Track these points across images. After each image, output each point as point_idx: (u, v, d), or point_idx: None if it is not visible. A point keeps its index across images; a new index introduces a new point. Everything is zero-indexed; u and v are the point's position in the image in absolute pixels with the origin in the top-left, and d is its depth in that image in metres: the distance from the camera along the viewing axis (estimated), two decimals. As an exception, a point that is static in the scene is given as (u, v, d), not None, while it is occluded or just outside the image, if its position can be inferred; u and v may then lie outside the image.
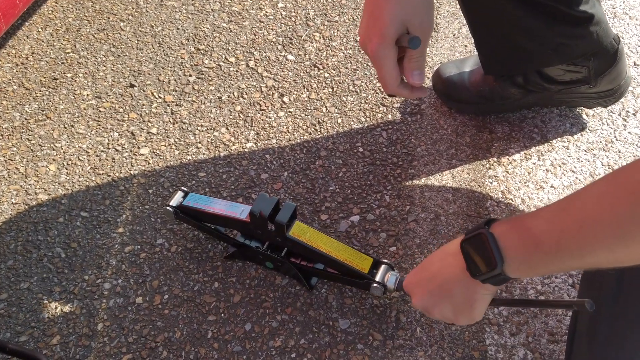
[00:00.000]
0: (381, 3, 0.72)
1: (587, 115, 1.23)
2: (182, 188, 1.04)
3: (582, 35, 1.00)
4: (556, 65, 1.07)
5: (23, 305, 1.01)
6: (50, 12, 1.52)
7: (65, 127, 1.27)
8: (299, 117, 1.27)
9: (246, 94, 1.32)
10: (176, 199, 1.02)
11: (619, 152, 1.17)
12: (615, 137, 1.20)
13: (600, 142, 1.19)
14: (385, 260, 0.93)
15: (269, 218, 0.91)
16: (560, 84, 1.12)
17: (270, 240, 0.98)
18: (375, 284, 0.90)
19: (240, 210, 0.95)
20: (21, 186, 1.17)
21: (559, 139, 1.20)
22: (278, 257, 0.97)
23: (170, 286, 1.02)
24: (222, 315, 0.99)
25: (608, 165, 1.16)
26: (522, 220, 0.61)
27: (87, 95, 1.33)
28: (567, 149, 1.18)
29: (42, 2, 1.54)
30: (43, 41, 1.44)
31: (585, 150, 1.18)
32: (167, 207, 1.01)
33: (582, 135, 1.20)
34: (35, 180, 1.18)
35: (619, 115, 1.24)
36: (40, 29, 1.47)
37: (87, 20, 1.49)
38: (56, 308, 1.00)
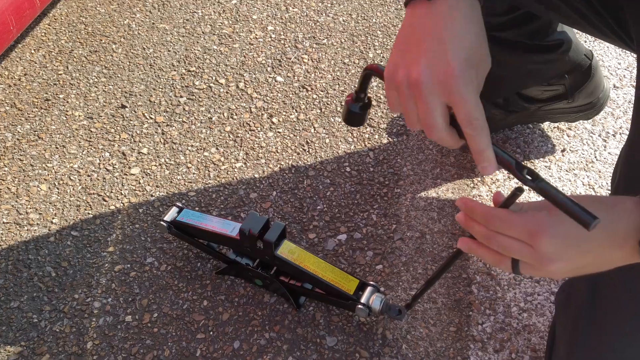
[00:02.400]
0: (459, 23, 0.59)
1: (568, 136, 1.27)
2: (177, 204, 1.06)
3: (553, 60, 1.04)
4: (531, 87, 1.11)
5: (13, 324, 1.01)
6: (43, 34, 1.54)
7: (57, 147, 1.28)
8: (288, 138, 1.29)
9: (236, 114, 1.34)
10: (170, 215, 1.04)
11: (599, 172, 1.21)
12: (595, 157, 1.23)
13: (581, 162, 1.23)
14: (371, 283, 0.95)
15: (258, 236, 0.93)
16: (539, 101, 1.15)
17: (260, 258, 1.00)
18: (360, 306, 0.92)
19: (231, 228, 0.97)
20: (12, 206, 1.18)
21: (541, 159, 1.23)
22: (267, 275, 0.99)
23: (159, 304, 1.04)
24: (211, 333, 1.00)
25: (589, 184, 1.19)
26: None
27: (79, 116, 1.35)
28: (549, 169, 1.21)
29: (35, 24, 1.56)
30: (36, 63, 1.47)
31: (567, 170, 1.21)
32: (162, 222, 1.03)
33: (563, 155, 1.24)
34: (27, 200, 1.19)
35: (599, 136, 1.27)
36: (33, 51, 1.50)
37: (80, 43, 1.52)
38: (46, 327, 1.01)
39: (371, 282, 0.95)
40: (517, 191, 0.55)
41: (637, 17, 0.72)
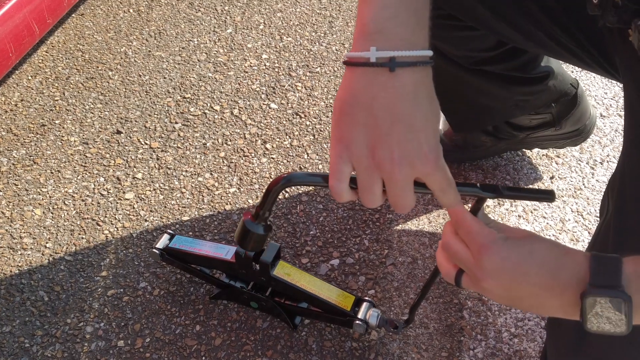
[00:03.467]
0: (426, 106, 0.55)
1: (557, 164, 1.29)
2: (168, 231, 1.07)
3: (540, 91, 1.07)
4: (519, 116, 1.14)
5: (5, 349, 1.01)
6: (40, 61, 1.56)
7: (52, 172, 1.29)
8: (281, 163, 1.31)
9: (230, 140, 1.36)
10: (162, 242, 1.04)
11: (588, 198, 1.23)
12: (584, 184, 1.25)
13: (570, 189, 1.25)
14: (367, 298, 0.96)
15: (253, 258, 0.94)
16: (528, 129, 1.18)
17: (255, 280, 1.01)
18: (357, 321, 0.93)
19: (225, 251, 0.98)
20: (6, 230, 1.18)
21: (530, 185, 1.25)
22: (262, 296, 1.00)
23: (152, 329, 1.04)
24: (204, 358, 1.00)
25: (577, 211, 1.21)
26: None
27: (75, 141, 1.36)
28: (538, 196, 1.23)
29: (33, 51, 1.58)
30: (33, 89, 1.48)
31: (556, 197, 1.23)
32: (154, 250, 1.04)
33: (552, 182, 1.26)
34: (21, 225, 1.20)
35: (587, 163, 1.30)
36: (30, 77, 1.52)
37: (77, 69, 1.54)
38: (38, 352, 1.01)
39: (366, 298, 0.96)
40: (481, 199, 0.61)
41: (617, 48, 0.75)
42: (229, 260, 0.96)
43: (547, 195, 0.60)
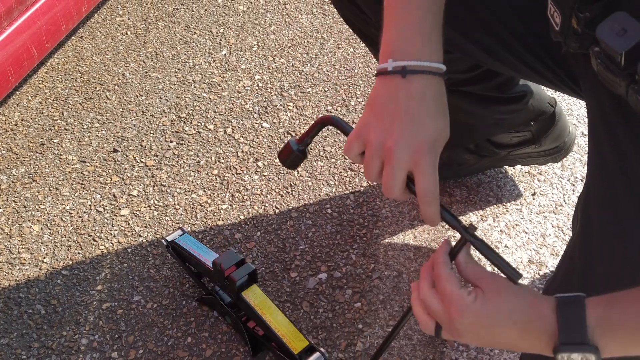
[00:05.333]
0: (429, 106, 0.67)
1: (538, 181, 1.34)
2: (182, 227, 1.14)
3: (518, 110, 1.12)
4: (499, 134, 1.19)
5: (2, 361, 1.05)
6: (40, 82, 1.62)
7: (50, 190, 1.34)
8: (272, 181, 1.35)
9: (223, 158, 1.41)
10: (173, 235, 1.13)
11: (568, 214, 1.27)
12: (564, 200, 1.30)
13: (551, 205, 1.29)
14: (321, 350, 0.95)
15: (226, 272, 0.98)
16: (509, 147, 1.22)
17: (228, 295, 1.05)
18: None
19: (212, 259, 1.03)
20: (5, 245, 1.22)
21: (512, 202, 1.29)
22: (232, 313, 1.03)
23: (145, 341, 1.07)
24: (194, 369, 1.03)
25: (558, 227, 1.25)
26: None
27: (72, 159, 1.41)
28: (520, 212, 1.28)
29: (33, 72, 1.64)
30: (32, 109, 1.53)
31: (537, 213, 1.27)
32: (162, 240, 1.13)
33: (534, 198, 1.30)
34: (19, 240, 1.24)
35: (567, 180, 1.34)
36: (30, 98, 1.57)
37: (75, 90, 1.59)
38: (34, 363, 1.04)
39: (321, 349, 0.95)
40: (463, 241, 0.65)
41: (580, 72, 0.80)
42: (209, 268, 1.01)
43: (515, 274, 0.62)
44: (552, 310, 0.58)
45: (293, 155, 0.80)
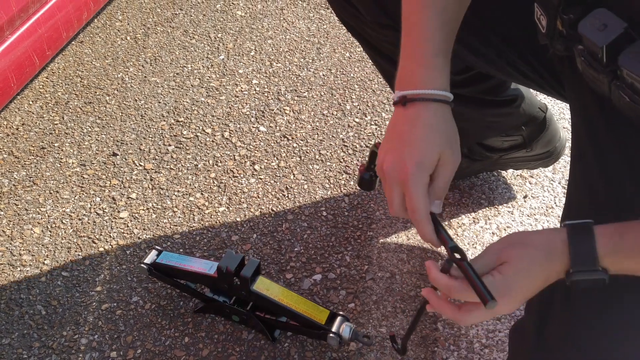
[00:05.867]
0: (419, 130, 0.73)
1: (530, 184, 1.36)
2: (156, 247, 1.13)
3: (509, 113, 1.14)
4: (491, 138, 1.21)
5: (3, 360, 1.07)
6: (41, 86, 1.64)
7: (50, 193, 1.36)
8: (269, 184, 1.38)
9: (220, 162, 1.43)
10: (150, 257, 1.11)
11: (558, 216, 1.29)
12: (555, 203, 1.32)
13: (542, 207, 1.31)
14: (341, 313, 1.02)
15: (234, 273, 1.00)
16: (500, 150, 1.25)
17: (237, 294, 1.07)
18: (331, 334, 0.99)
19: (209, 267, 1.05)
20: (7, 248, 1.25)
21: (504, 204, 1.32)
22: (244, 310, 1.06)
23: (143, 341, 1.10)
24: (191, 368, 1.06)
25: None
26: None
27: (73, 163, 1.43)
28: (512, 214, 1.30)
29: (34, 77, 1.66)
30: (33, 113, 1.56)
31: (528, 215, 1.30)
32: (142, 265, 1.10)
33: (525, 201, 1.33)
34: (20, 242, 1.26)
35: (558, 183, 1.36)
36: (31, 102, 1.59)
37: (75, 94, 1.62)
38: (34, 362, 1.07)
39: (340, 313, 1.03)
40: (448, 263, 0.68)
41: (565, 75, 0.82)
42: (212, 275, 1.03)
43: (489, 299, 0.63)
44: (564, 244, 0.64)
45: (367, 182, 0.89)
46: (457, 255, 0.67)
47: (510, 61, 0.94)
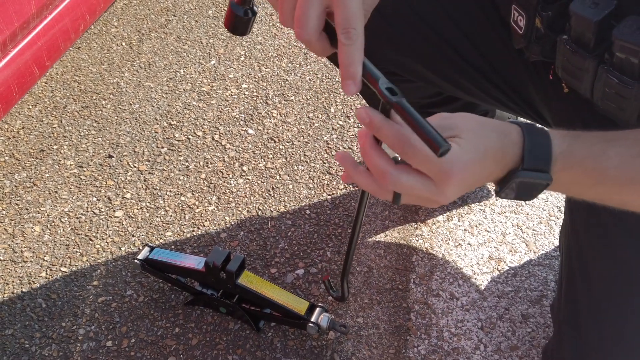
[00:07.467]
0: None
1: (502, 183, 1.44)
2: (149, 244, 1.22)
3: None
4: None
5: (7, 349, 1.15)
6: (40, 91, 1.72)
7: (49, 193, 1.44)
8: (256, 184, 1.46)
9: (210, 163, 1.51)
10: (143, 254, 1.19)
11: (527, 214, 1.38)
12: (524, 201, 1.40)
13: (512, 205, 1.40)
14: (320, 304, 1.11)
15: (221, 268, 1.08)
16: None
17: (223, 287, 1.15)
18: (310, 324, 1.08)
19: (197, 262, 1.13)
20: (9, 245, 1.33)
21: (477, 203, 1.40)
22: (230, 302, 1.14)
23: (136, 331, 1.18)
24: (181, 356, 1.14)
25: (517, 225, 1.35)
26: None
27: (70, 165, 1.51)
28: (484, 212, 1.38)
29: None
30: (33, 117, 1.64)
31: (499, 213, 1.38)
32: (135, 261, 1.18)
33: (496, 200, 1.41)
34: (22, 240, 1.34)
35: (529, 182, 1.45)
36: (30, 107, 1.67)
37: (73, 99, 1.70)
38: (36, 351, 1.15)
39: (319, 304, 1.11)
40: (387, 105, 0.54)
41: (536, 85, 0.88)
42: (200, 270, 1.11)
43: (442, 143, 0.50)
44: (519, 135, 0.58)
45: (237, 20, 0.68)
46: (389, 94, 0.52)
47: (478, 84, 0.98)
